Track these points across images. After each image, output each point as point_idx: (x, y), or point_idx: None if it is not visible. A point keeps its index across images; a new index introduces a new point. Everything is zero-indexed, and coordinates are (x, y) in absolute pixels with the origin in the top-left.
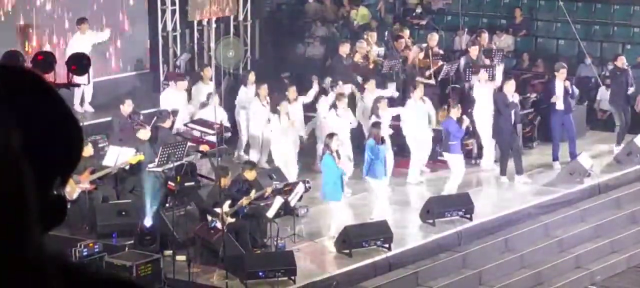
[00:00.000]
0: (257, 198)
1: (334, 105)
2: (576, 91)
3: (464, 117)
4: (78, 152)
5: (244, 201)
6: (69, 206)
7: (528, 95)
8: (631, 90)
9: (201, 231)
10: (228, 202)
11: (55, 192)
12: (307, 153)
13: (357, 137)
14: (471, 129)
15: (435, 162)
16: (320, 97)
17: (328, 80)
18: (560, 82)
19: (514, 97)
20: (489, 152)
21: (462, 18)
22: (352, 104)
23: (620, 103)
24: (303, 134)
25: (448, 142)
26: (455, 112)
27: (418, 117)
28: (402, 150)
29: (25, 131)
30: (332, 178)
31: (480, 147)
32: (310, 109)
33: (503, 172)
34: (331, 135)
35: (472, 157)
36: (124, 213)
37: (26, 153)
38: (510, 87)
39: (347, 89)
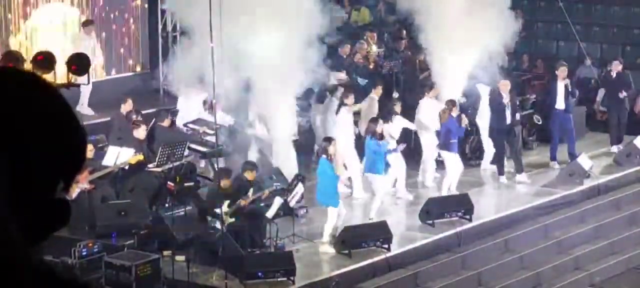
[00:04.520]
0: (255, 199)
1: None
2: (576, 91)
3: (463, 115)
4: (81, 156)
5: (242, 202)
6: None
7: (528, 96)
8: (623, 94)
9: (200, 231)
10: (227, 202)
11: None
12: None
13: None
14: (469, 128)
15: None
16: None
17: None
18: (562, 82)
19: (506, 98)
20: (487, 153)
21: None
22: None
23: (615, 104)
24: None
25: (448, 141)
26: (455, 111)
27: (433, 115)
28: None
29: (25, 135)
30: (328, 184)
31: (477, 149)
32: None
33: (501, 172)
34: (329, 140)
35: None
36: (123, 213)
37: (26, 157)
38: (505, 87)
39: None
